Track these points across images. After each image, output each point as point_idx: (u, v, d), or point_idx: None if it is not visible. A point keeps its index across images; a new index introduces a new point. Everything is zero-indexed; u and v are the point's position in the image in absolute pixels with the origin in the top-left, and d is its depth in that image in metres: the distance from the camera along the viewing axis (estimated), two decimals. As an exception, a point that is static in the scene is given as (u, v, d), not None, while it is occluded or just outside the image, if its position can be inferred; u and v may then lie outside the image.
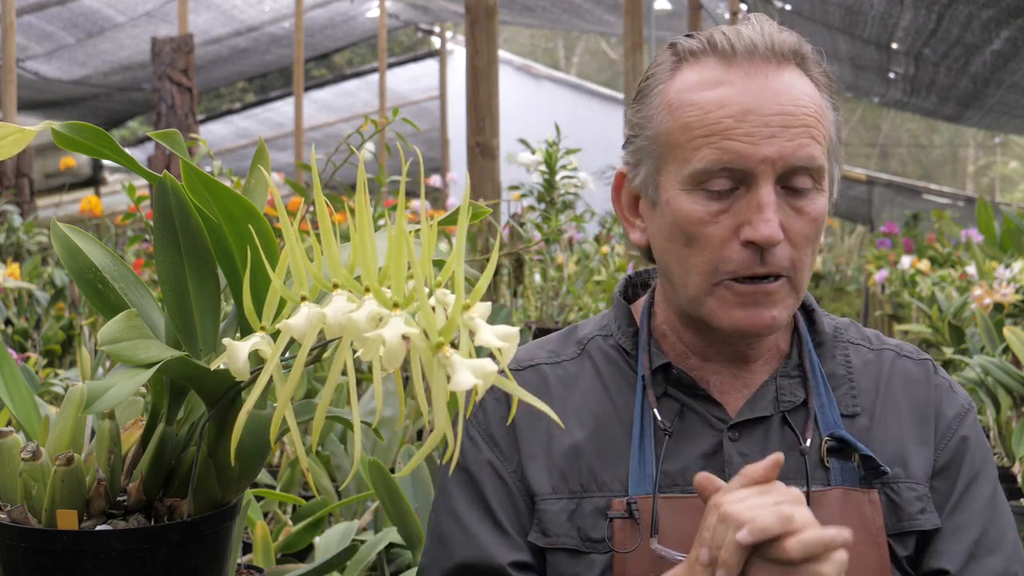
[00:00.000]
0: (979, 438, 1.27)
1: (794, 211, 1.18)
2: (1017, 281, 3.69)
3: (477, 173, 3.94)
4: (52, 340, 3.71)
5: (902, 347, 1.32)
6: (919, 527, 1.21)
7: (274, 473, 2.49)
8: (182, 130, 6.41)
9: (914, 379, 1.29)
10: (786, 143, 1.16)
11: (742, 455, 1.22)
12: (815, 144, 1.18)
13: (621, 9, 6.84)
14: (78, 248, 1.10)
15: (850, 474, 1.21)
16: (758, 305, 1.18)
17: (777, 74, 1.19)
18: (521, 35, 26.60)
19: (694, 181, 1.18)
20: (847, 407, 1.25)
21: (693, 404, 1.25)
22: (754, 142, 1.16)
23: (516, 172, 4.65)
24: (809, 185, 1.18)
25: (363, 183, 0.89)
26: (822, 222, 1.20)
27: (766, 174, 1.16)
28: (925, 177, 24.99)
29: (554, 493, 1.23)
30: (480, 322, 0.86)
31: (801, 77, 1.21)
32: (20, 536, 1.03)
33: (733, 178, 1.17)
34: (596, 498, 1.21)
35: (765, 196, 1.16)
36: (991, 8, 8.45)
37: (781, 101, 1.17)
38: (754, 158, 1.15)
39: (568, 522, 1.21)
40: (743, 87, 1.18)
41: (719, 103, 1.18)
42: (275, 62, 13.69)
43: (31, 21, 10.01)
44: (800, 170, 1.17)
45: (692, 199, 1.19)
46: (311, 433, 2.28)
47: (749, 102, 1.17)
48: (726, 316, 1.19)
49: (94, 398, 0.94)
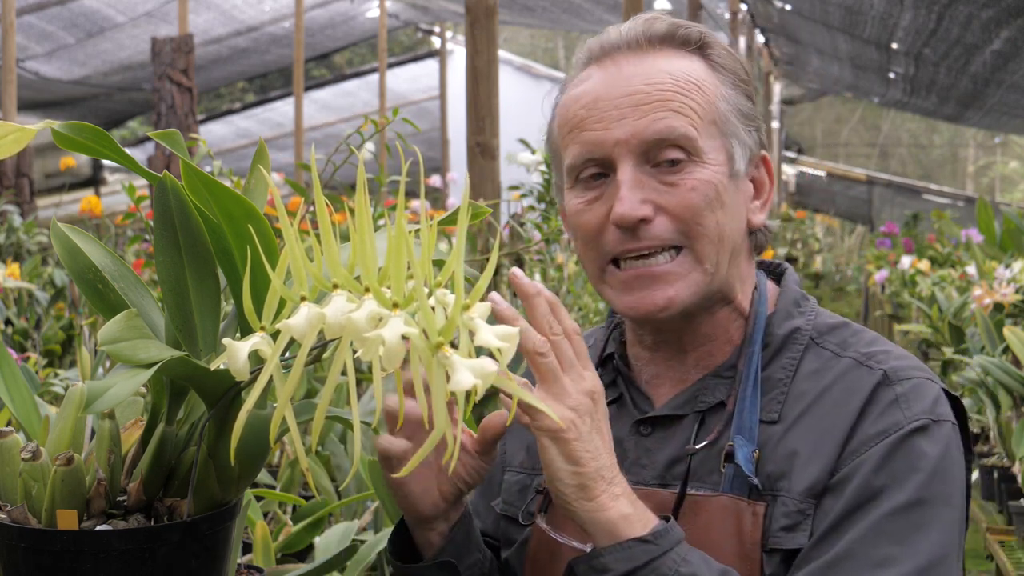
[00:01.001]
0: (903, 459, 1.11)
1: (665, 186, 1.18)
2: (1017, 281, 3.69)
3: (477, 173, 3.94)
4: (52, 340, 3.71)
5: (871, 357, 1.19)
6: (775, 545, 1.12)
7: (274, 473, 2.49)
8: (182, 130, 6.42)
9: (856, 390, 1.16)
10: (636, 121, 1.18)
11: (645, 449, 1.23)
12: (675, 115, 1.18)
13: (621, 9, 6.84)
14: (78, 248, 1.10)
15: (742, 483, 1.15)
16: (646, 288, 1.19)
17: (637, 60, 1.21)
18: (521, 35, 26.61)
19: (571, 178, 1.24)
20: (768, 412, 1.19)
21: (629, 393, 1.29)
22: (605, 127, 1.19)
23: (516, 172, 4.65)
24: (681, 156, 1.18)
25: (363, 183, 0.89)
26: (710, 192, 1.18)
27: (623, 155, 1.18)
28: (925, 177, 25.00)
29: (520, 468, 1.34)
30: (480, 322, 0.86)
31: (677, 57, 1.22)
32: (20, 536, 1.03)
33: (600, 166, 1.21)
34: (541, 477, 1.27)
35: (621, 175, 1.18)
36: (991, 8, 8.45)
37: (632, 83, 1.20)
38: (607, 142, 1.19)
39: (518, 494, 1.32)
40: (599, 79, 1.22)
41: (575, 98, 1.23)
42: (275, 62, 13.70)
43: (31, 21, 10.01)
44: (659, 143, 1.17)
45: (574, 194, 1.24)
46: (311, 433, 2.28)
47: (600, 91, 1.21)
48: (620, 302, 1.22)
49: (94, 398, 0.94)
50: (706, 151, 1.19)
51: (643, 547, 1.04)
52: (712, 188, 1.18)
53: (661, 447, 1.23)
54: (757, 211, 1.27)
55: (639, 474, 1.22)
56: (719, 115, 1.21)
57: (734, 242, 1.22)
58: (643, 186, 1.18)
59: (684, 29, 1.23)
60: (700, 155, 1.18)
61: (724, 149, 1.21)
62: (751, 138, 1.24)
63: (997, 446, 3.33)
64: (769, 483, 1.15)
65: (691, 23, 1.25)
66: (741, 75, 1.25)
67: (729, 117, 1.22)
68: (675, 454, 1.21)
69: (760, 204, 1.28)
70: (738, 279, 1.25)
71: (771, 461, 1.16)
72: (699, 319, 1.24)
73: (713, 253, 1.19)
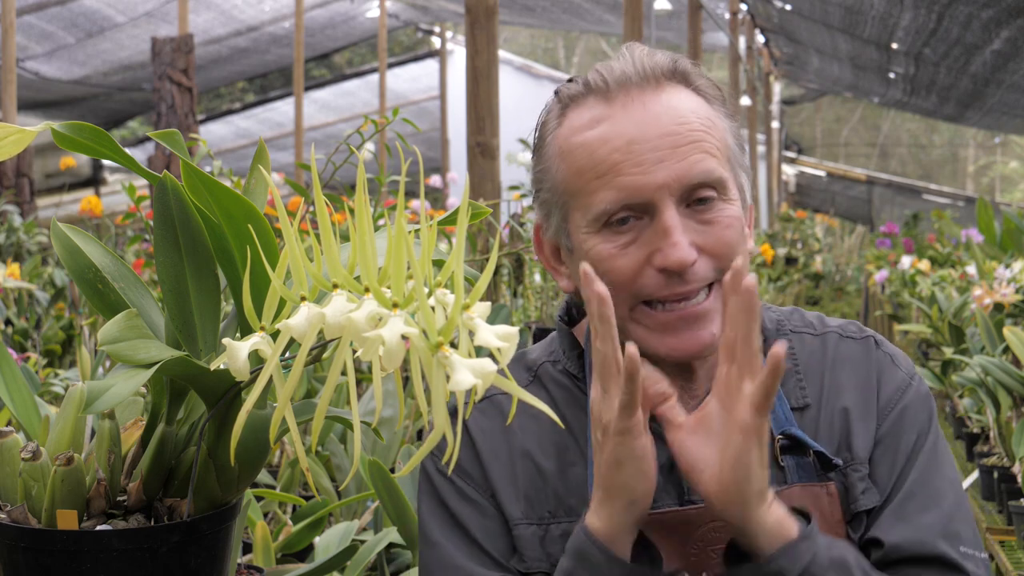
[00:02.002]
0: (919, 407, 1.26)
1: (703, 224, 1.17)
2: (1017, 281, 3.69)
3: (477, 173, 3.94)
4: (52, 340, 3.71)
5: (845, 327, 1.31)
6: (861, 507, 1.20)
7: (274, 473, 2.49)
8: (182, 130, 6.42)
9: (857, 358, 1.27)
10: (677, 164, 1.15)
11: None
12: (709, 157, 1.17)
13: (621, 9, 6.84)
14: (78, 248, 1.10)
15: (806, 470, 1.20)
16: (691, 328, 1.17)
17: (655, 97, 1.18)
18: (521, 35, 26.61)
19: (598, 223, 1.18)
20: (797, 400, 1.24)
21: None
22: (645, 171, 1.15)
23: (516, 172, 4.65)
24: (713, 195, 1.18)
25: (363, 183, 0.89)
26: (738, 227, 1.19)
27: (664, 199, 1.15)
28: (925, 177, 25.00)
29: (524, 519, 1.23)
30: (480, 322, 0.86)
31: (683, 93, 1.20)
32: (20, 536, 1.03)
33: (635, 211, 1.16)
34: (564, 523, 1.21)
35: (669, 220, 1.15)
36: (991, 8, 8.45)
37: (663, 123, 1.17)
38: (649, 187, 1.15)
39: (540, 547, 1.22)
40: (623, 118, 1.18)
41: (603, 140, 1.17)
42: (275, 62, 13.70)
43: (31, 21, 10.02)
44: (698, 186, 1.16)
45: (601, 239, 1.18)
46: (311, 433, 2.28)
47: (632, 131, 1.16)
48: (660, 344, 1.18)
49: (94, 398, 0.94)
50: (730, 188, 1.20)
51: (805, 544, 1.07)
52: (739, 223, 1.20)
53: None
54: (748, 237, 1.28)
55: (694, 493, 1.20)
56: (731, 151, 1.22)
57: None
58: (686, 228, 1.17)
59: (680, 62, 1.22)
60: (727, 192, 1.19)
61: (737, 183, 1.22)
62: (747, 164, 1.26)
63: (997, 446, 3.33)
64: (828, 465, 1.20)
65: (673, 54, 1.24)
66: (722, 98, 1.25)
67: (736, 150, 1.23)
68: None
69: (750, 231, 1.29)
70: None
71: (822, 441, 1.22)
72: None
73: None
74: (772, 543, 1.06)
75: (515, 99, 11.86)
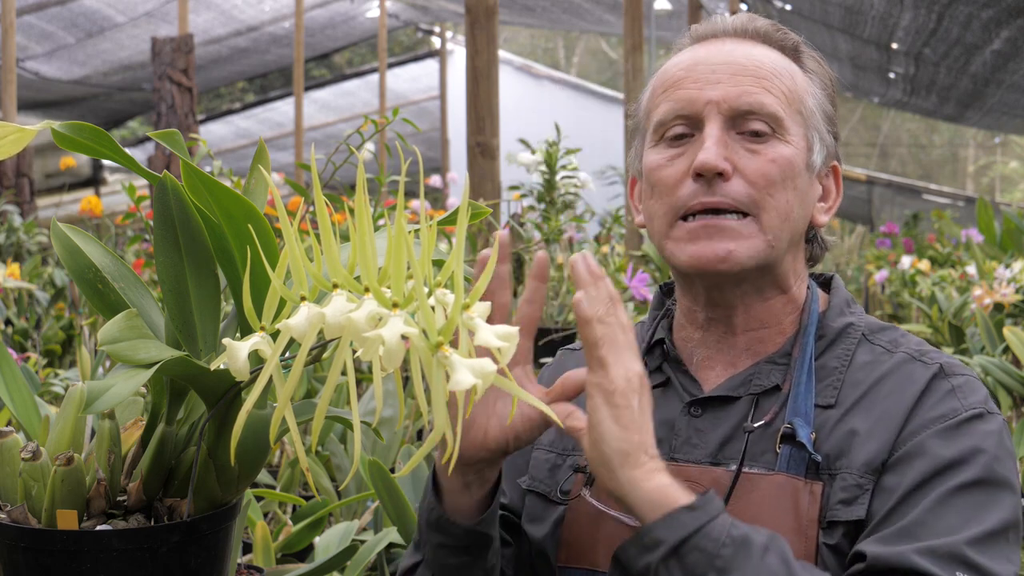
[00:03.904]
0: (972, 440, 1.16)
1: (749, 152, 1.23)
2: (1017, 281, 3.69)
3: (477, 173, 3.94)
4: (52, 340, 3.71)
5: (924, 353, 1.26)
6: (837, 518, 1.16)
7: (274, 473, 2.49)
8: (182, 130, 6.42)
9: (912, 380, 1.22)
10: (732, 88, 1.24)
11: (696, 430, 1.26)
12: (766, 93, 1.24)
13: (621, 9, 6.84)
14: (78, 248, 1.10)
15: (798, 463, 1.19)
16: (710, 237, 1.22)
17: (738, 43, 1.29)
18: (521, 35, 26.61)
19: (657, 135, 1.28)
20: (824, 397, 1.24)
21: (676, 377, 1.31)
22: (700, 87, 1.25)
23: (516, 172, 4.65)
24: (767, 130, 1.24)
25: (363, 183, 0.89)
26: (787, 169, 1.23)
27: (712, 115, 1.23)
28: (925, 177, 25.00)
29: (550, 447, 1.34)
30: (480, 322, 0.86)
31: (771, 51, 1.29)
32: (20, 536, 1.03)
33: (688, 124, 1.25)
34: (577, 457, 1.30)
35: (708, 131, 1.23)
36: (991, 8, 8.45)
37: (733, 56, 1.26)
38: (700, 101, 1.24)
39: (548, 472, 1.32)
40: (702, 50, 1.29)
41: (674, 64, 1.30)
42: (275, 62, 13.69)
43: (31, 21, 10.02)
44: (749, 114, 1.23)
45: (656, 152, 1.28)
46: (311, 433, 2.28)
47: (700, 56, 1.28)
48: (682, 252, 1.24)
49: (94, 398, 0.94)
50: (790, 131, 1.25)
51: (691, 514, 1.02)
52: (790, 166, 1.24)
53: (713, 427, 1.25)
54: (823, 212, 1.33)
55: (691, 453, 1.25)
56: (805, 107, 1.28)
57: (797, 229, 1.27)
58: (727, 145, 1.23)
59: (782, 32, 1.31)
60: (784, 133, 1.25)
61: (805, 137, 1.27)
62: (830, 140, 1.31)
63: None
64: (827, 463, 1.19)
65: (788, 30, 1.32)
66: (828, 82, 1.32)
67: (815, 112, 1.29)
68: (727, 434, 1.24)
69: (826, 207, 1.33)
70: (793, 272, 1.30)
71: (828, 443, 1.20)
72: (752, 300, 1.28)
73: (777, 228, 1.24)
74: (652, 512, 1.02)
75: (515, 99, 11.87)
